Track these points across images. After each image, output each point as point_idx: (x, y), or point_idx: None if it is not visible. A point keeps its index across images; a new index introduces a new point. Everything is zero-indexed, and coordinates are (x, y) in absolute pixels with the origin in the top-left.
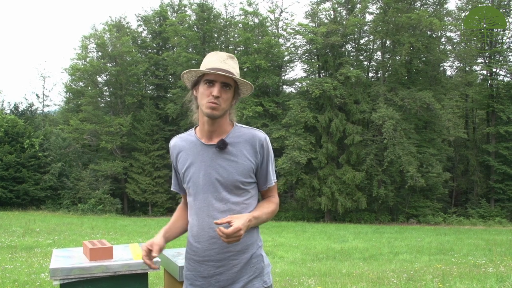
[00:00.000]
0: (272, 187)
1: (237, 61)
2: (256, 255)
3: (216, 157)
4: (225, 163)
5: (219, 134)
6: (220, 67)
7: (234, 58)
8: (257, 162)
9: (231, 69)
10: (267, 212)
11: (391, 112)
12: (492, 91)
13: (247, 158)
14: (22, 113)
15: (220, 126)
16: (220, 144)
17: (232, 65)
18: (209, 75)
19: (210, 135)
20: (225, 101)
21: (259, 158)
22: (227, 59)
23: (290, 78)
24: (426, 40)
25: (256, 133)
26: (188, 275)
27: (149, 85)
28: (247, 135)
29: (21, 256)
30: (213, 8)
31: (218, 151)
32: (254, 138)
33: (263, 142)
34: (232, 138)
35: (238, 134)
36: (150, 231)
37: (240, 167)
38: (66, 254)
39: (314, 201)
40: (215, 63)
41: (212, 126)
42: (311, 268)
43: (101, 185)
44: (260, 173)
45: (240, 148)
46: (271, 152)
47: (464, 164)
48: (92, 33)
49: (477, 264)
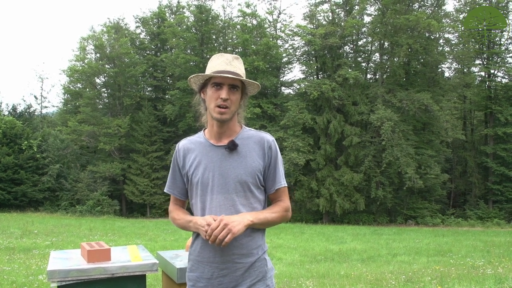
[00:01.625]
0: (281, 190)
1: (242, 62)
2: (260, 259)
3: (226, 158)
4: (234, 164)
5: (228, 136)
6: (227, 69)
7: (239, 59)
8: (265, 163)
9: (238, 70)
10: (272, 214)
11: (389, 113)
12: (490, 93)
13: (255, 159)
14: (20, 115)
15: (229, 128)
16: (230, 145)
17: (238, 66)
18: (216, 78)
19: (220, 136)
20: (233, 103)
21: (267, 160)
22: (233, 61)
23: (288, 79)
24: (424, 41)
25: (264, 135)
26: (191, 276)
27: (147, 87)
28: (256, 137)
29: (19, 257)
30: (211, 9)
31: (228, 152)
32: (262, 140)
33: (271, 144)
34: (241, 140)
35: (246, 136)
36: (148, 233)
37: (248, 168)
38: (64, 256)
39: (312, 202)
40: (221, 66)
41: (222, 128)
42: (309, 269)
43: (99, 186)
44: (268, 175)
45: (249, 149)
46: (279, 155)
47: (462, 166)
48: (90, 35)
49: (476, 266)
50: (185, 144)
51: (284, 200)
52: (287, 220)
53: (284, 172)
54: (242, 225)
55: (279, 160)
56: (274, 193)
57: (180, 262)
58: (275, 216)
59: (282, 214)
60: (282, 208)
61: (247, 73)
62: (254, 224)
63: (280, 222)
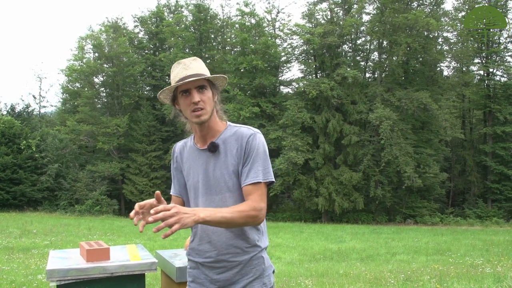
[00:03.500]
0: (254, 186)
1: (201, 61)
2: (256, 257)
3: (210, 160)
4: (217, 165)
5: (211, 136)
6: (187, 74)
7: (197, 60)
8: (241, 159)
9: (198, 71)
10: (233, 214)
11: (388, 112)
12: (489, 92)
13: (233, 157)
14: (18, 114)
15: (211, 128)
16: (210, 147)
17: (197, 66)
18: (181, 86)
19: (204, 139)
20: (207, 102)
21: (244, 154)
22: (191, 64)
23: (287, 78)
24: (423, 40)
25: (243, 130)
26: (190, 273)
27: (146, 86)
28: (237, 133)
29: (18, 257)
30: (210, 8)
31: (211, 154)
32: (242, 135)
33: (249, 138)
34: (223, 139)
35: (229, 134)
36: (147, 232)
37: (229, 167)
38: (63, 255)
39: (311, 201)
40: (181, 73)
41: (203, 131)
42: (309, 268)
43: (98, 186)
44: (244, 169)
45: (230, 147)
46: (261, 150)
47: (461, 165)
48: (88, 34)
49: (475, 265)
50: (180, 148)
51: (254, 198)
52: (256, 222)
53: (269, 169)
54: (191, 219)
55: (259, 154)
56: (245, 188)
57: (179, 261)
58: (236, 216)
59: (246, 214)
60: (250, 207)
61: (245, 72)
62: (208, 222)
63: (244, 223)
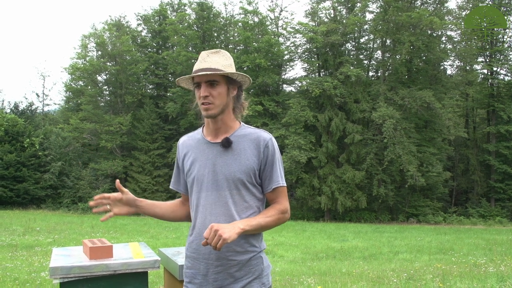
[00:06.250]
0: (278, 190)
1: (223, 54)
2: (255, 257)
3: (220, 155)
4: (228, 161)
5: (224, 132)
6: (201, 67)
7: (219, 52)
8: (260, 162)
9: (213, 65)
10: (266, 219)
11: (391, 111)
12: (493, 90)
13: (250, 157)
14: (22, 112)
15: (224, 123)
16: (224, 142)
17: (215, 60)
18: (195, 78)
19: (216, 133)
20: (216, 97)
21: (263, 158)
22: (208, 56)
23: (290, 77)
24: (427, 39)
25: (261, 133)
26: (187, 273)
27: (149, 84)
28: (253, 135)
29: (21, 255)
30: (213, 7)
31: (223, 149)
32: (258, 138)
33: (268, 143)
34: (237, 137)
35: (243, 133)
36: (150, 230)
37: (242, 165)
38: (66, 253)
39: (314, 200)
40: (198, 64)
41: (216, 124)
42: (311, 267)
43: (101, 184)
44: (264, 174)
45: (244, 146)
46: (277, 154)
47: (465, 164)
48: (92, 32)
49: (478, 264)
50: (185, 141)
51: (281, 201)
52: (284, 222)
53: (283, 172)
54: (233, 232)
55: (276, 159)
56: (271, 193)
57: (182, 259)
58: (269, 220)
59: (277, 217)
60: (278, 210)
61: (248, 71)
62: (247, 231)
63: (276, 225)
